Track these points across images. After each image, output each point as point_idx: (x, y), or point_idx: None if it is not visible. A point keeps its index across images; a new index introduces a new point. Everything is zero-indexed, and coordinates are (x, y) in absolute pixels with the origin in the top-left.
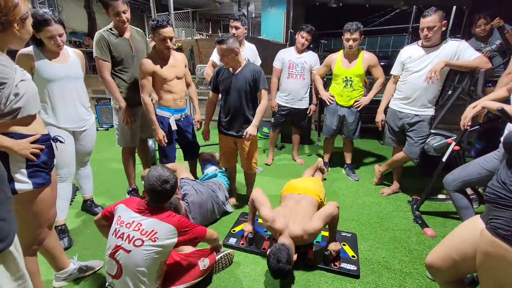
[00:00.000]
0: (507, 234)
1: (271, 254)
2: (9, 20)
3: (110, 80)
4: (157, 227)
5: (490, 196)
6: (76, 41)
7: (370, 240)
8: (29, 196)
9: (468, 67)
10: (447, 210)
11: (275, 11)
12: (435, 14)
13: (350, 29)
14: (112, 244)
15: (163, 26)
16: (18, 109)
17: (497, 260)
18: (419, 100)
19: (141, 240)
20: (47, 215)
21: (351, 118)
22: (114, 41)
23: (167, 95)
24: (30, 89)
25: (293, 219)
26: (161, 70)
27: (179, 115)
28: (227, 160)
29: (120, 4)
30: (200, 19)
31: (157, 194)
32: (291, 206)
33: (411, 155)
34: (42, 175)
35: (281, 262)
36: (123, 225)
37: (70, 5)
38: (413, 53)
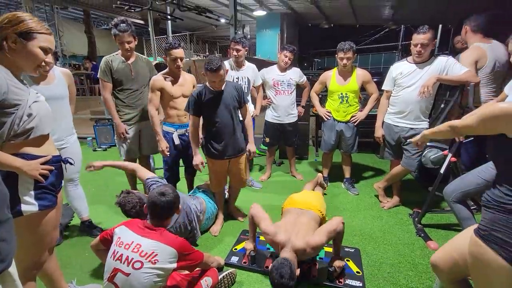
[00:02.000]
0: (484, 234)
1: (273, 269)
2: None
3: (109, 98)
4: (158, 249)
5: (482, 200)
6: (76, 64)
7: (373, 255)
8: (35, 218)
9: (458, 81)
10: (449, 222)
11: (270, 32)
12: (429, 32)
13: (343, 48)
14: (111, 267)
15: (175, 48)
16: (31, 129)
17: (479, 260)
18: (413, 113)
19: (141, 262)
20: (50, 238)
21: (348, 133)
22: (116, 65)
23: (172, 111)
24: (43, 109)
25: (296, 233)
26: (169, 88)
27: (183, 130)
28: (219, 183)
29: (126, 35)
30: (197, 41)
31: (155, 207)
32: (293, 220)
33: (410, 168)
34: (49, 197)
35: (284, 278)
36: (122, 246)
37: (71, 30)
38: (403, 69)
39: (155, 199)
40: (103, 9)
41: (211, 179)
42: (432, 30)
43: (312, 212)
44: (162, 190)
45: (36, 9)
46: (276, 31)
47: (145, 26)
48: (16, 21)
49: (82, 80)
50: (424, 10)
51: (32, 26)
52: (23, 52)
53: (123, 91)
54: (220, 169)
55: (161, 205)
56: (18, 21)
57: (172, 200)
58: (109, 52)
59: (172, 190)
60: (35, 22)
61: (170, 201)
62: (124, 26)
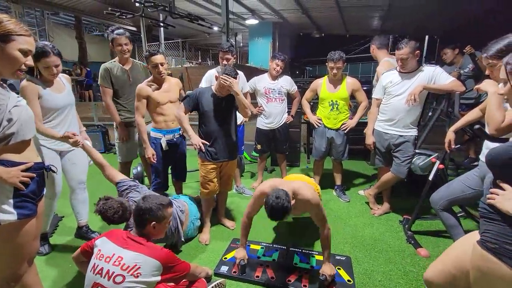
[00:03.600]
0: (494, 247)
1: (270, 194)
2: None
3: (111, 103)
4: (141, 261)
5: (481, 210)
6: (66, 70)
7: (365, 263)
8: (13, 227)
9: (444, 90)
10: (438, 229)
11: (262, 41)
12: (407, 47)
13: (333, 58)
14: (91, 282)
15: (154, 54)
16: (11, 134)
17: (488, 275)
18: (402, 121)
19: (122, 276)
20: (29, 248)
21: (339, 140)
22: (115, 71)
23: (159, 117)
24: (24, 114)
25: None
26: (155, 95)
27: (171, 136)
28: (212, 188)
29: (122, 38)
30: (190, 48)
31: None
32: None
33: (399, 175)
34: (29, 206)
35: (279, 198)
36: (102, 259)
37: (61, 35)
38: (393, 78)
39: (138, 203)
40: (94, 15)
41: (204, 184)
42: (412, 43)
43: (306, 183)
44: (147, 194)
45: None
46: (268, 40)
47: (138, 33)
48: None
49: (73, 86)
50: (410, 21)
51: (10, 28)
52: (1, 55)
53: (123, 96)
54: (214, 173)
55: (142, 211)
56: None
57: (152, 207)
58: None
59: (158, 198)
60: (13, 23)
61: (149, 208)
62: (121, 30)
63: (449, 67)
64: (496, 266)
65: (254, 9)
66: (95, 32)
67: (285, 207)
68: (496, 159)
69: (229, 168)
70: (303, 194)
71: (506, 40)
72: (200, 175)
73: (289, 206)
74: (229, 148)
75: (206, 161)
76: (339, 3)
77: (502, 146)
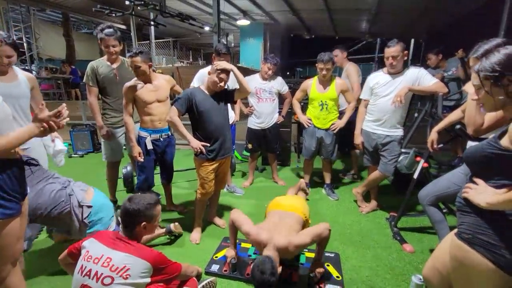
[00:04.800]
0: (468, 238)
1: (254, 267)
2: None
3: (93, 102)
4: (130, 262)
5: (457, 204)
6: (53, 68)
7: (353, 259)
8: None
9: (428, 91)
10: (423, 225)
11: (253, 41)
12: (398, 45)
13: (323, 59)
14: (78, 284)
15: (132, 56)
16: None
17: (464, 264)
18: (389, 121)
19: (111, 278)
20: (13, 249)
21: (328, 139)
22: (101, 70)
23: (146, 117)
24: (2, 113)
25: (279, 231)
26: (142, 94)
27: (158, 136)
28: (211, 187)
29: (111, 39)
30: (181, 47)
31: (123, 213)
32: (276, 221)
33: (386, 173)
34: (12, 205)
35: (265, 274)
36: (91, 260)
37: (49, 33)
38: (379, 79)
39: (124, 204)
40: (82, 13)
41: (203, 186)
42: (401, 43)
43: (295, 214)
44: (133, 195)
45: (10, 10)
46: (260, 40)
47: (128, 31)
48: None
49: (59, 84)
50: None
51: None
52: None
53: (110, 95)
54: (213, 173)
55: (130, 212)
56: None
57: (140, 208)
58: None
59: (145, 198)
60: None
61: (137, 210)
62: (111, 30)
63: (433, 70)
64: (470, 255)
65: (245, 10)
66: (83, 29)
67: (271, 282)
68: (471, 157)
69: (225, 165)
70: (291, 247)
71: (494, 42)
72: (199, 176)
73: (275, 280)
74: (227, 145)
75: (207, 162)
76: (328, 5)
77: (477, 145)
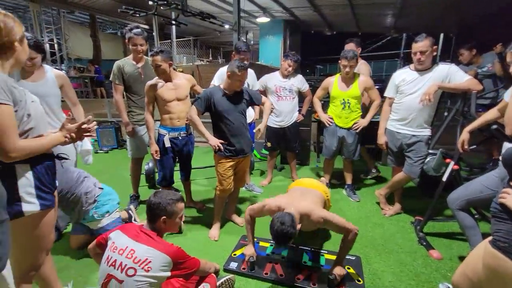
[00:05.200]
0: (504, 246)
1: (274, 218)
2: (11, 40)
3: (119, 100)
4: (152, 255)
5: (492, 210)
6: (81, 67)
7: (375, 263)
8: (35, 218)
9: (460, 89)
10: (452, 231)
11: (273, 39)
12: (426, 40)
13: (347, 56)
14: (105, 273)
15: (153, 55)
16: (30, 129)
17: (499, 273)
18: (415, 121)
19: (134, 269)
20: (48, 238)
21: (350, 139)
22: (127, 69)
23: (165, 115)
24: (39, 110)
25: (299, 200)
26: (162, 93)
27: (176, 134)
28: (230, 184)
29: (139, 38)
30: (201, 46)
31: (147, 207)
32: (298, 195)
33: (412, 175)
34: (49, 197)
35: (284, 225)
36: (116, 251)
37: (77, 34)
38: (406, 76)
39: (149, 198)
40: (108, 14)
41: (221, 182)
42: (430, 38)
43: (317, 191)
44: (159, 191)
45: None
46: (279, 38)
47: (150, 31)
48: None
49: (86, 83)
50: (423, 19)
51: (21, 30)
52: (23, 52)
53: (135, 93)
54: (231, 170)
55: (152, 205)
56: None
57: (161, 202)
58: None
59: (169, 193)
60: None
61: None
62: (139, 30)
63: (466, 66)
64: (506, 263)
65: (265, 7)
66: (109, 30)
67: (290, 233)
68: (510, 159)
69: (245, 164)
70: (314, 215)
71: None
72: (217, 173)
73: (294, 232)
74: (245, 144)
75: (224, 159)
76: (351, 0)
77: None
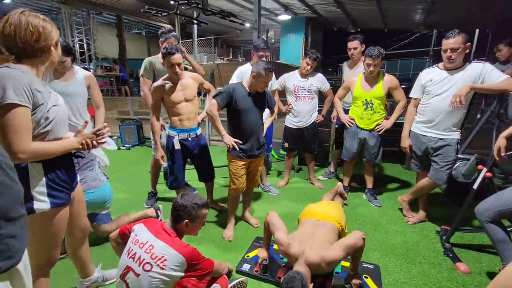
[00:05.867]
0: None
1: (284, 283)
2: (48, 44)
3: (148, 94)
4: (167, 253)
5: None
6: (107, 66)
7: (395, 274)
8: (47, 216)
9: (496, 90)
10: (482, 243)
11: (294, 37)
12: (459, 36)
13: (372, 55)
14: (124, 264)
15: (172, 53)
16: (46, 132)
17: None
18: (443, 123)
19: (150, 265)
20: (61, 235)
21: (372, 141)
22: (158, 66)
23: (174, 117)
24: (61, 113)
25: (310, 245)
26: (169, 95)
27: (186, 135)
28: (241, 184)
29: (173, 40)
30: (222, 45)
31: (173, 207)
32: (309, 232)
33: (437, 181)
34: (61, 195)
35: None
36: (137, 244)
37: (104, 34)
38: (434, 76)
39: (176, 199)
40: (134, 14)
41: (233, 181)
42: (463, 34)
43: (330, 224)
44: (187, 193)
45: (74, 14)
46: (301, 35)
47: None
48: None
49: (112, 81)
50: (456, 14)
51: (57, 34)
52: (53, 57)
53: None
54: (244, 169)
55: (178, 207)
56: (54, 31)
57: (187, 206)
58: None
59: (195, 197)
60: (55, 28)
61: (184, 205)
62: (174, 33)
63: (502, 65)
64: None
65: (287, 4)
66: (134, 30)
67: None
68: None
69: (257, 164)
70: (323, 262)
71: None
72: (229, 172)
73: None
74: (260, 144)
75: (237, 158)
76: None
77: None
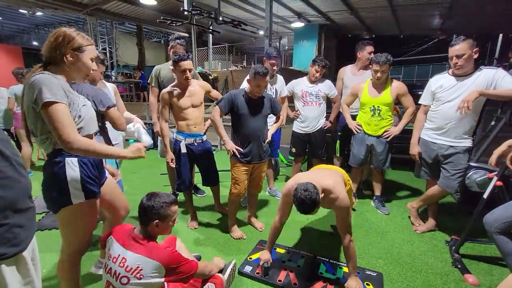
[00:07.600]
0: None
1: (298, 187)
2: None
3: (153, 101)
4: (142, 263)
5: None
6: (127, 73)
7: (398, 282)
8: (81, 207)
9: (508, 96)
10: (494, 255)
11: (307, 43)
12: (464, 42)
13: (379, 61)
14: (105, 280)
15: (184, 59)
16: (80, 129)
17: None
18: (453, 131)
19: (127, 278)
20: (91, 225)
21: (379, 147)
22: (163, 73)
23: (182, 121)
24: (90, 112)
25: (322, 178)
26: (178, 100)
27: (192, 140)
28: (242, 189)
29: (181, 48)
30: (236, 52)
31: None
32: (320, 173)
33: (448, 189)
34: (93, 189)
35: (308, 191)
36: (110, 259)
37: (125, 42)
38: (444, 82)
39: (141, 201)
40: (153, 24)
41: (234, 185)
42: (470, 40)
43: (339, 172)
44: (153, 193)
45: (98, 24)
46: (314, 42)
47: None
48: (70, 38)
49: (131, 87)
50: (476, 18)
51: (82, 41)
52: (78, 63)
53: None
54: (246, 175)
55: (145, 208)
56: (71, 38)
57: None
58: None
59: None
60: (81, 37)
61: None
62: (183, 40)
63: None
64: None
65: (300, 12)
66: (153, 39)
67: (314, 200)
68: None
69: (260, 170)
70: (335, 193)
71: None
72: (232, 176)
73: (318, 198)
74: (262, 150)
75: (239, 163)
76: (391, 1)
77: None
